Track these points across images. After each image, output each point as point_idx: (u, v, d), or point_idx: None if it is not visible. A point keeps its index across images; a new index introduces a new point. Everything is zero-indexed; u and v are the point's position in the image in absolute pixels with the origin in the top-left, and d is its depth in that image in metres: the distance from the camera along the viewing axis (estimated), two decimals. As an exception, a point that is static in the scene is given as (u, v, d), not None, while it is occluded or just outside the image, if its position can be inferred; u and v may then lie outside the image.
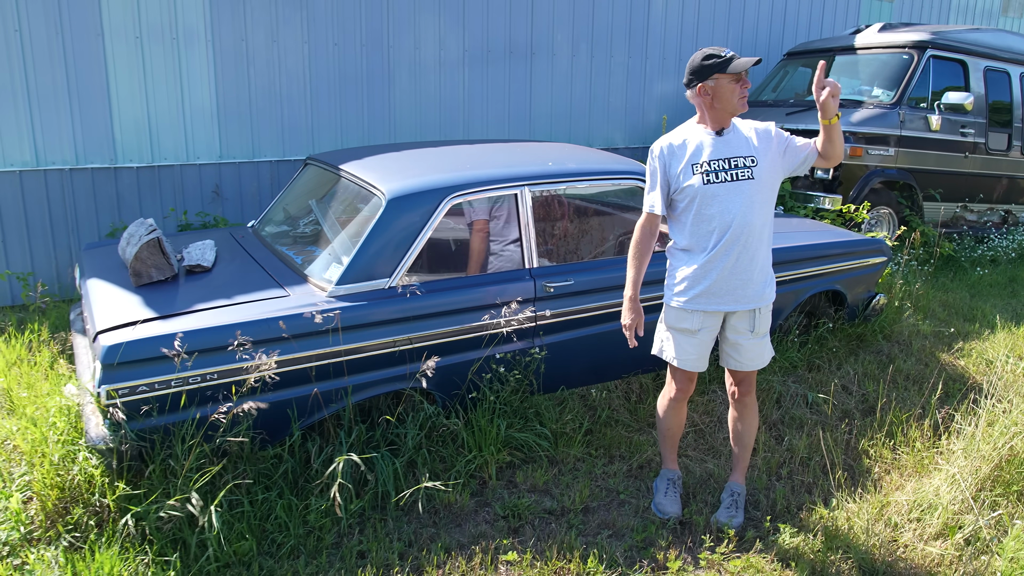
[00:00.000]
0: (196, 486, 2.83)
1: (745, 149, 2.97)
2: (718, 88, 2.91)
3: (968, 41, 7.41)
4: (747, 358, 3.15)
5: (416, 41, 6.77)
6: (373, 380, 3.37)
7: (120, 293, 3.38)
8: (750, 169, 2.95)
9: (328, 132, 6.55)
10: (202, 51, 5.91)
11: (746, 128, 3.04)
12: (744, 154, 2.96)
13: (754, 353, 3.14)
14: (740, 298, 3.04)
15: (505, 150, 4.39)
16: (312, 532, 3.02)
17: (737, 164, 2.95)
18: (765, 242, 3.04)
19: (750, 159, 2.96)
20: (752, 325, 3.09)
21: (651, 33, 8.16)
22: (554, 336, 3.79)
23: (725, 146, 2.97)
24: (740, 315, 3.09)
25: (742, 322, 3.10)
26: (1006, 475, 3.49)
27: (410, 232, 3.45)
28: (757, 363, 3.17)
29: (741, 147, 2.98)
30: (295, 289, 3.39)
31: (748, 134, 3.01)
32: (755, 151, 2.97)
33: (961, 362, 5.03)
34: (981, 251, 7.70)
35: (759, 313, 3.10)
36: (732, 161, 2.95)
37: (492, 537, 3.10)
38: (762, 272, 3.06)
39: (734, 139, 2.99)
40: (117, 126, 5.73)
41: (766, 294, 3.10)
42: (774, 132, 3.03)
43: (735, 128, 3.02)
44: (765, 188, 2.98)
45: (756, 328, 3.10)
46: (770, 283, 3.12)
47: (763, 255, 3.04)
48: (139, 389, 2.89)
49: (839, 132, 2.94)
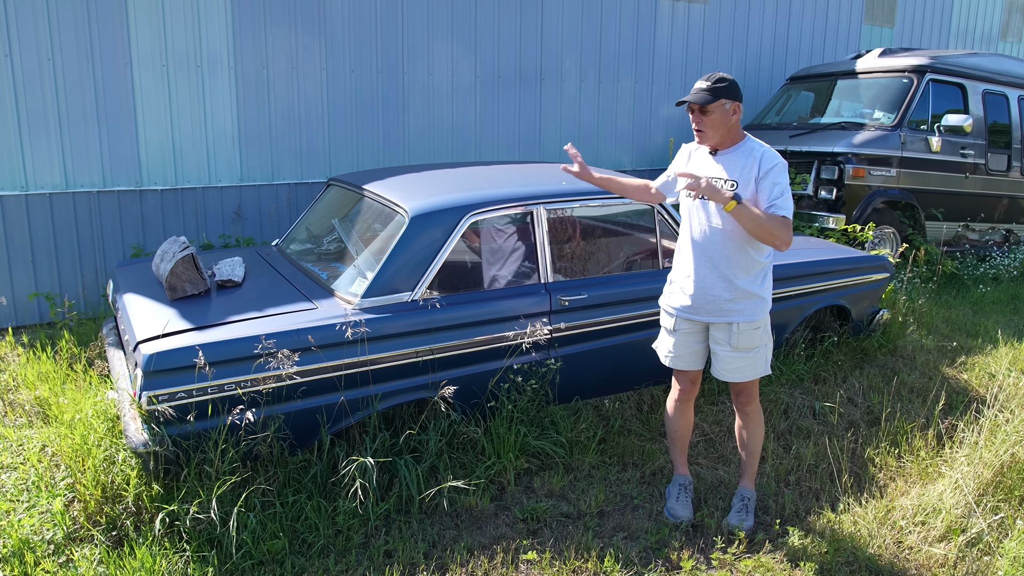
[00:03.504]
0: (219, 491, 2.97)
1: (731, 172, 3.10)
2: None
3: (966, 65, 7.61)
4: (724, 369, 3.29)
5: (429, 68, 7.00)
6: (397, 389, 3.52)
7: (156, 306, 3.55)
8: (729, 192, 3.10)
9: (345, 156, 6.76)
10: (225, 78, 6.14)
11: (749, 155, 3.09)
12: (727, 176, 3.10)
13: (732, 366, 3.26)
14: (711, 311, 3.21)
15: (520, 171, 4.57)
16: (341, 532, 3.16)
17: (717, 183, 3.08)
18: (738, 262, 3.12)
19: (731, 183, 3.08)
20: (729, 339, 3.22)
21: (657, 59, 8.39)
22: (569, 348, 3.94)
23: (713, 165, 3.15)
24: (718, 326, 3.25)
25: (720, 333, 3.25)
26: (1008, 480, 3.61)
27: (432, 248, 3.62)
28: (735, 376, 3.28)
29: (728, 169, 3.11)
30: (322, 302, 3.55)
31: (745, 160, 3.09)
32: (740, 177, 3.07)
33: (964, 375, 5.15)
34: (983, 269, 7.84)
35: (736, 329, 3.19)
36: (716, 181, 3.10)
37: (512, 538, 3.23)
38: (732, 290, 3.15)
39: (727, 161, 3.13)
40: (143, 150, 5.94)
41: (738, 311, 3.17)
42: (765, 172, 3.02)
43: (737, 151, 3.12)
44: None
45: (733, 343, 3.21)
46: (745, 302, 3.17)
47: (734, 274, 3.14)
48: (178, 396, 3.05)
49: (750, 219, 2.92)
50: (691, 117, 3.10)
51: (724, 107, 3.03)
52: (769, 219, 2.93)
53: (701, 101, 3.01)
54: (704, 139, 3.11)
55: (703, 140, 3.11)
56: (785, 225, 2.96)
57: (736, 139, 3.14)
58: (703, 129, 3.07)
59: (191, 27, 5.95)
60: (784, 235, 2.94)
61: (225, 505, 3.00)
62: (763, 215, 2.94)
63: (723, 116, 3.05)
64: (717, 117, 3.04)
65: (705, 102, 3.01)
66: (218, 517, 2.93)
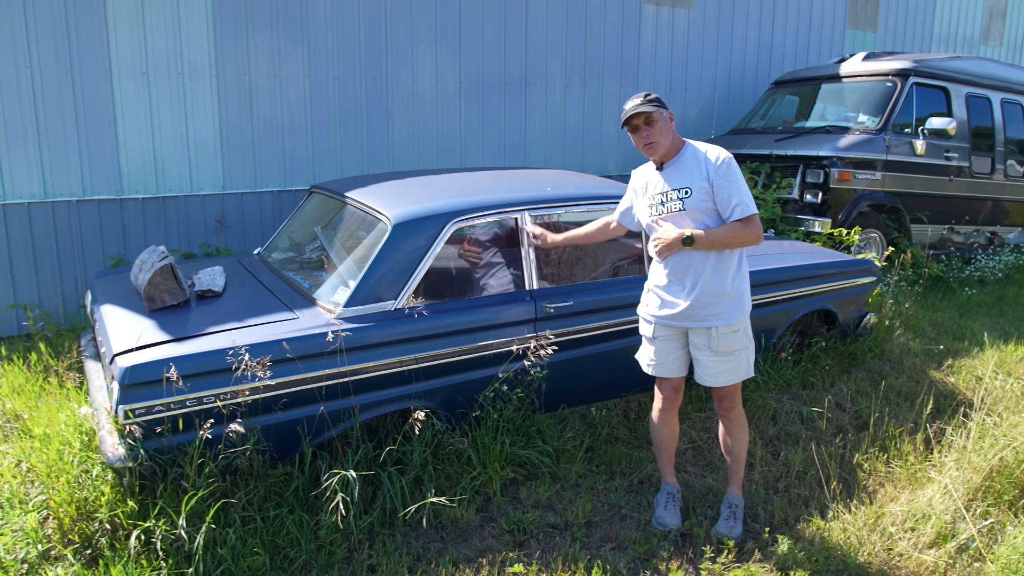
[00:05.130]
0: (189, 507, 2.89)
1: (681, 181, 3.16)
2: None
3: (949, 69, 7.64)
4: (706, 373, 3.27)
5: (414, 74, 6.96)
6: (380, 399, 3.46)
7: (134, 317, 3.48)
8: (682, 200, 3.14)
9: (328, 163, 6.70)
10: (206, 85, 6.08)
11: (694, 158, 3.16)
12: (677, 187, 3.16)
13: (713, 370, 3.25)
14: (689, 316, 3.20)
15: (505, 176, 4.53)
16: (323, 547, 3.10)
17: (670, 196, 3.17)
18: (712, 267, 3.15)
19: (683, 191, 3.14)
20: (709, 343, 3.22)
21: (642, 64, 8.39)
22: (555, 356, 3.88)
23: (663, 179, 3.22)
24: (697, 331, 3.24)
25: (699, 338, 3.24)
26: (997, 485, 3.59)
27: (415, 256, 3.57)
28: (717, 380, 3.27)
29: (677, 179, 3.18)
30: (304, 312, 3.50)
31: (692, 165, 3.15)
32: (692, 183, 3.14)
33: (951, 379, 5.14)
34: (968, 272, 7.86)
35: (715, 332, 3.19)
36: (666, 195, 3.18)
37: (498, 551, 3.18)
38: (708, 294, 3.15)
39: (675, 171, 3.19)
40: (123, 159, 5.87)
41: (716, 315, 3.18)
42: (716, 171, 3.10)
43: (680, 159, 3.19)
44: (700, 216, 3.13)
45: (713, 347, 3.21)
46: (723, 305, 3.17)
47: (709, 278, 3.15)
48: (155, 409, 2.98)
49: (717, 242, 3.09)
50: (638, 135, 3.16)
51: (663, 115, 3.15)
52: (734, 229, 3.09)
53: (649, 110, 3.09)
54: (656, 149, 3.16)
55: (656, 150, 3.17)
56: (752, 223, 3.10)
57: (678, 147, 3.23)
58: (654, 140, 3.14)
59: (172, 34, 5.88)
60: (754, 233, 3.11)
61: (203, 521, 2.93)
62: (727, 230, 3.08)
63: (665, 124, 3.15)
64: (663, 125, 3.14)
65: (652, 111, 3.10)
66: (187, 534, 2.85)
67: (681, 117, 8.83)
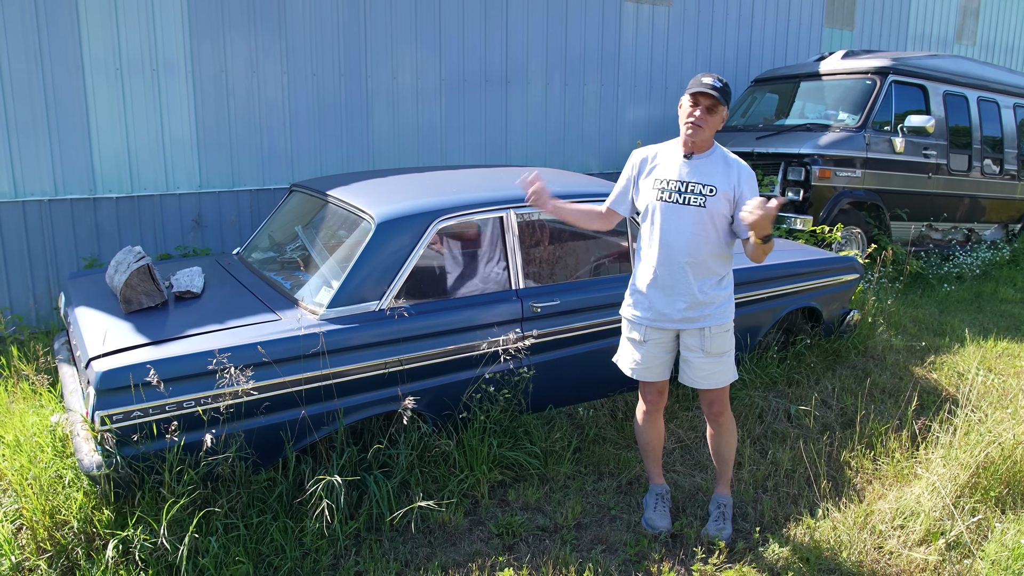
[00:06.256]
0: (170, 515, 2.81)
1: (707, 178, 3.04)
2: (681, 108, 3.05)
3: (927, 67, 7.70)
4: (697, 376, 3.19)
5: (393, 71, 6.88)
6: (365, 402, 3.39)
7: (110, 320, 3.38)
8: (704, 197, 3.02)
9: (307, 161, 6.60)
10: (182, 82, 5.95)
11: (724, 162, 3.08)
12: (703, 182, 3.03)
13: (705, 372, 3.18)
14: (684, 317, 3.12)
15: (489, 175, 4.47)
16: (308, 554, 3.02)
17: (693, 190, 3.03)
18: (711, 267, 3.10)
19: (708, 188, 3.03)
20: (702, 344, 3.15)
21: (622, 61, 8.36)
22: (542, 355, 3.84)
23: (690, 169, 3.06)
24: (690, 333, 3.16)
25: (692, 339, 3.17)
26: (984, 481, 3.59)
27: (399, 255, 3.50)
28: (708, 382, 3.20)
29: (704, 175, 3.05)
30: (286, 313, 3.41)
31: (723, 168, 3.06)
32: (714, 182, 3.03)
33: (934, 375, 5.16)
34: (947, 268, 7.93)
35: (708, 333, 3.14)
36: (688, 185, 3.04)
37: (487, 555, 3.12)
38: (705, 294, 3.10)
39: (704, 166, 3.06)
40: (96, 157, 5.73)
41: (714, 315, 3.13)
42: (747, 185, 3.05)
43: (711, 157, 3.08)
44: (715, 218, 3.04)
45: (706, 348, 3.14)
46: (716, 305, 3.13)
47: (707, 277, 3.10)
48: (133, 414, 2.89)
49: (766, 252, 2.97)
50: (692, 110, 2.98)
51: (722, 112, 3.03)
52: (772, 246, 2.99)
53: (718, 99, 2.96)
54: (698, 134, 3.00)
55: (696, 135, 3.00)
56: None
57: (710, 144, 3.11)
58: (702, 125, 2.99)
59: (146, 30, 5.75)
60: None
61: (183, 529, 2.85)
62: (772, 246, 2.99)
63: (718, 120, 3.03)
64: (717, 119, 3.02)
65: (720, 101, 2.97)
66: (168, 543, 2.77)
67: (662, 115, 8.82)
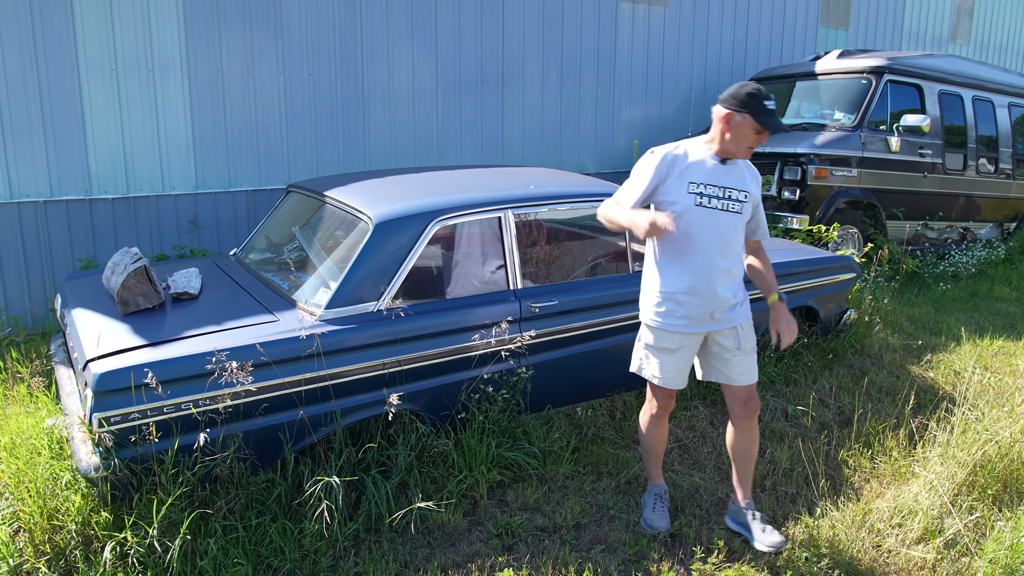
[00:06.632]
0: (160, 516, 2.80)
1: (741, 183, 3.06)
2: (740, 125, 2.93)
3: (923, 66, 7.71)
4: (737, 373, 3.17)
5: (390, 71, 6.87)
6: (363, 403, 3.38)
7: (108, 322, 3.37)
8: (741, 204, 3.04)
9: (304, 161, 6.59)
10: (178, 82, 5.94)
11: (748, 169, 3.12)
12: (740, 187, 3.05)
13: (744, 367, 3.17)
14: (720, 318, 3.10)
15: (487, 175, 4.47)
16: (308, 555, 3.01)
17: (731, 196, 3.02)
18: (739, 269, 3.14)
19: (744, 194, 3.05)
20: (738, 342, 3.14)
21: (618, 61, 8.36)
22: (540, 356, 3.84)
23: (725, 174, 3.04)
24: (724, 333, 3.14)
25: (727, 339, 3.14)
26: (981, 479, 3.61)
27: (397, 256, 3.50)
28: (747, 378, 3.19)
29: (738, 180, 3.06)
30: (284, 314, 3.41)
31: (746, 173, 3.10)
32: (748, 188, 3.07)
33: (930, 374, 5.18)
34: (943, 267, 7.95)
35: (742, 329, 3.15)
36: (728, 191, 3.02)
37: (487, 555, 3.12)
38: (738, 292, 3.14)
39: (734, 171, 3.06)
40: (92, 158, 5.71)
41: (743, 312, 3.16)
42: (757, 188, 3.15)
43: (739, 163, 3.08)
44: (743, 222, 3.09)
45: (742, 344, 3.15)
46: (745, 301, 3.19)
47: (738, 275, 3.13)
48: (131, 416, 2.88)
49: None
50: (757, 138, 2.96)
51: None
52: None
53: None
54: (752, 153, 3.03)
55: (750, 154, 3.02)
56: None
57: None
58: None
59: (141, 30, 5.74)
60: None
61: (183, 531, 2.84)
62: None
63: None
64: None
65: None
66: (161, 544, 2.76)
67: (658, 115, 8.83)
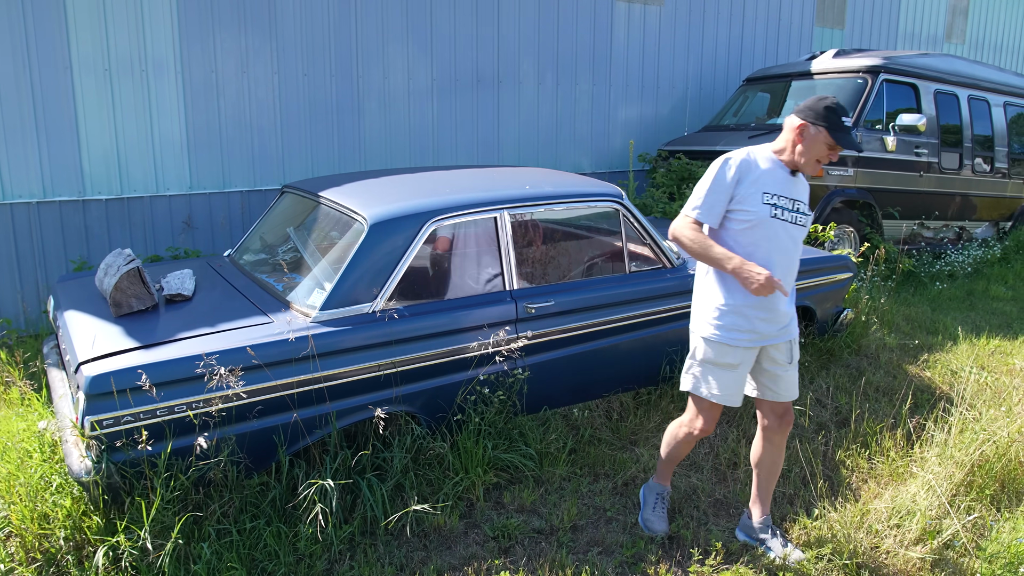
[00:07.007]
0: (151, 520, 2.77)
1: (805, 196, 3.05)
2: (814, 139, 2.91)
3: (918, 65, 7.71)
4: (784, 388, 3.11)
5: (385, 71, 6.84)
6: (359, 405, 3.36)
7: (100, 324, 3.34)
8: (807, 217, 3.02)
9: (299, 162, 6.56)
10: (171, 82, 5.90)
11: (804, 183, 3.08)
12: (805, 200, 3.04)
13: (791, 382, 3.12)
14: (782, 331, 3.05)
15: (482, 175, 4.45)
16: (303, 559, 2.99)
17: (799, 209, 2.99)
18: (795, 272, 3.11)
19: (807, 207, 3.04)
20: (790, 356, 3.09)
21: (614, 61, 8.35)
22: (536, 357, 3.82)
23: (795, 187, 3.01)
24: (778, 347, 3.07)
25: (781, 354, 3.08)
26: (979, 480, 3.60)
27: (393, 256, 3.47)
28: (793, 392, 3.13)
29: (804, 193, 3.05)
30: (278, 316, 3.38)
31: (805, 188, 3.07)
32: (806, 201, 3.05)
33: (927, 373, 5.17)
34: (939, 266, 7.95)
35: (794, 342, 3.11)
36: (796, 203, 2.99)
37: (483, 558, 3.10)
38: (792, 308, 3.09)
39: (800, 184, 3.04)
40: (85, 158, 5.67)
41: (795, 325, 3.12)
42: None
43: (801, 176, 3.06)
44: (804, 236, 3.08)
45: (794, 358, 3.10)
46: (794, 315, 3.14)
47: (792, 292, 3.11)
48: (124, 420, 2.85)
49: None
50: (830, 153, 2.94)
51: None
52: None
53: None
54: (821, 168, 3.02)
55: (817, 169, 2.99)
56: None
57: None
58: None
59: (135, 30, 5.70)
60: None
61: (174, 535, 2.81)
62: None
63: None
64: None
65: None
66: (153, 548, 2.73)
67: (654, 115, 8.81)
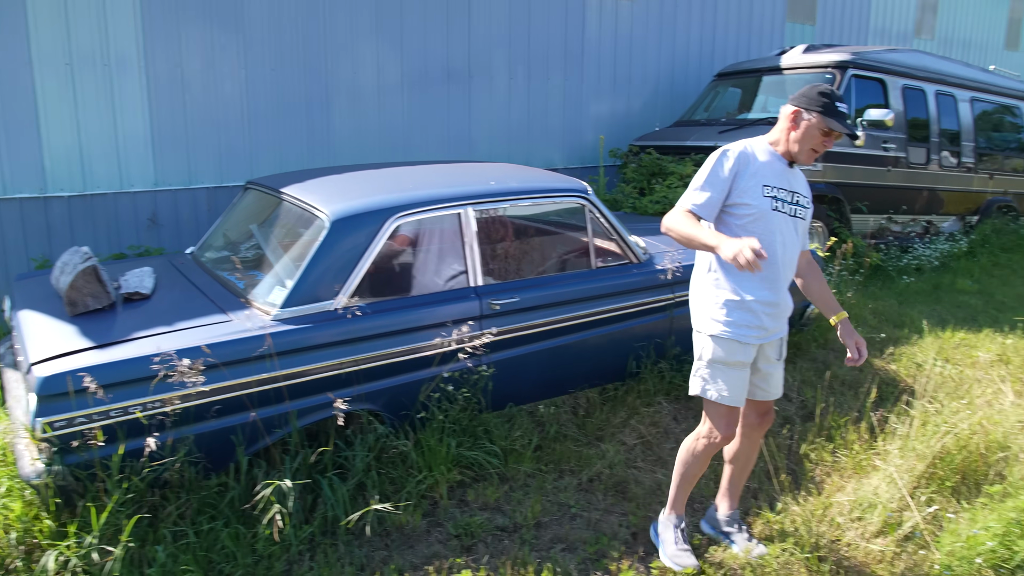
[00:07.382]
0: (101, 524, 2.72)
1: (804, 189, 2.97)
2: (808, 125, 2.81)
3: (886, 61, 7.77)
4: (773, 386, 3.04)
5: (354, 66, 6.79)
6: (320, 403, 3.33)
7: (55, 323, 3.28)
8: (806, 210, 2.94)
9: (267, 157, 6.49)
10: (135, 77, 5.81)
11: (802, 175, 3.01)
12: (804, 192, 2.95)
13: (779, 379, 3.06)
14: (782, 326, 2.99)
15: (447, 171, 4.42)
16: (261, 560, 2.95)
17: (798, 201, 2.91)
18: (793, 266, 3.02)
19: (807, 199, 2.95)
20: (779, 352, 3.03)
21: (586, 55, 8.34)
22: (501, 353, 3.81)
23: (793, 178, 2.93)
24: (772, 344, 2.98)
25: (773, 350, 3.00)
26: (940, 472, 3.63)
27: (355, 253, 3.44)
28: (779, 389, 3.08)
29: (802, 185, 2.97)
30: (238, 314, 3.34)
31: (804, 180, 3.00)
32: (808, 193, 2.97)
33: (892, 366, 5.22)
34: (906, 260, 8.03)
35: (783, 340, 3.05)
36: (795, 195, 2.91)
37: (445, 557, 3.08)
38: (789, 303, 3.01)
39: (798, 175, 2.97)
40: (47, 154, 5.57)
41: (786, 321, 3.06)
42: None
43: (798, 168, 2.98)
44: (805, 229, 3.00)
45: (782, 355, 3.05)
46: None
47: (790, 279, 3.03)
48: (76, 421, 2.80)
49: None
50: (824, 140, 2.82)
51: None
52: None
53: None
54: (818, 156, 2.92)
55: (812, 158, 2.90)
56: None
57: None
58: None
59: (97, 24, 5.60)
60: None
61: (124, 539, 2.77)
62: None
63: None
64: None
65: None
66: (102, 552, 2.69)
67: (626, 110, 8.82)
